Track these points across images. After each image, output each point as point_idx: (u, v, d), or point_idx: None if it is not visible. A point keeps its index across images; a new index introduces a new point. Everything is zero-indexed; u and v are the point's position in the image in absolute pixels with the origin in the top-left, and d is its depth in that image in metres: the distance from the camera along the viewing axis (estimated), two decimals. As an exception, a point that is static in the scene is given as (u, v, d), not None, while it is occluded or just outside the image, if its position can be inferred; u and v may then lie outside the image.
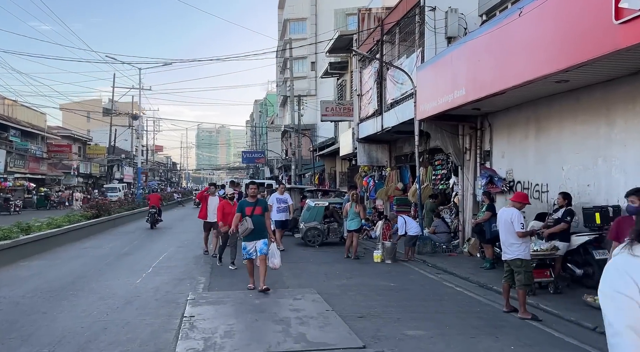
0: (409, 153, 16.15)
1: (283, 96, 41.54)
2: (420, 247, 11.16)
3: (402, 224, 10.53)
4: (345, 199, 11.69)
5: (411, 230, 10.55)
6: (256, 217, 7.51)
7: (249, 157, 55.87)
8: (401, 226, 10.52)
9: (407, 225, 10.55)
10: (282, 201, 11.98)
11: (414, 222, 10.91)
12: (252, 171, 68.67)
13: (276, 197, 12.02)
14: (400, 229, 10.53)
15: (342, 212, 14.20)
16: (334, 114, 21.62)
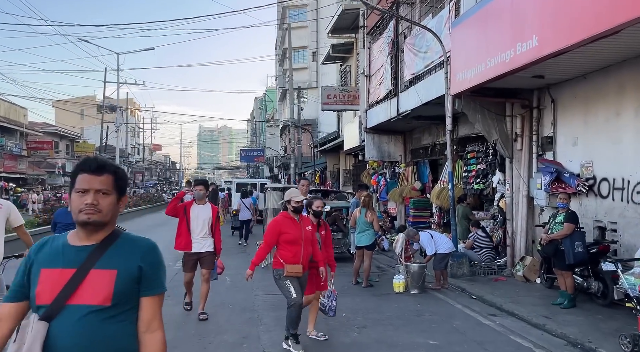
0: (429, 145, 13.19)
1: (282, 89, 38.66)
2: (454, 268, 8.21)
3: (428, 241, 7.58)
4: (353, 203, 8.75)
5: (442, 247, 7.61)
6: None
7: (247, 155, 53.17)
8: (427, 243, 7.57)
9: (435, 241, 7.60)
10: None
11: (444, 236, 7.95)
12: (253, 170, 65.93)
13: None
14: (427, 248, 7.58)
15: (347, 220, 11.28)
16: (337, 102, 18.67)
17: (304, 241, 4.63)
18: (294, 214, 4.71)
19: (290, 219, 4.71)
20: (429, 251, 7.55)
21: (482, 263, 8.51)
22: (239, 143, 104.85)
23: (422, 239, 7.60)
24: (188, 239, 5.82)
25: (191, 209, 5.86)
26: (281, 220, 4.74)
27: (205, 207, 5.92)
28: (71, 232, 1.75)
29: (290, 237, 4.61)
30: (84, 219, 1.65)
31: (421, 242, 7.63)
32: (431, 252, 7.53)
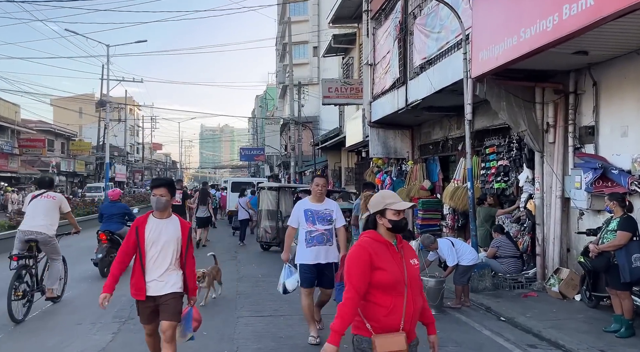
0: (439, 140, 11.96)
1: (282, 85, 37.44)
2: (475, 280, 6.98)
3: (448, 250, 6.35)
4: (357, 205, 7.52)
5: (465, 257, 6.38)
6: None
7: (247, 154, 51.99)
8: (448, 253, 6.34)
9: (457, 250, 6.37)
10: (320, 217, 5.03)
11: (467, 244, 6.72)
12: (254, 170, 64.80)
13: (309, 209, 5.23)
14: (448, 258, 6.35)
15: (350, 223, 10.06)
16: (339, 95, 17.44)
17: (408, 286, 2.49)
18: (391, 236, 2.60)
19: (384, 245, 2.55)
20: (449, 261, 6.32)
21: (506, 275, 7.28)
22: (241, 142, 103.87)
23: (441, 247, 6.37)
24: (140, 279, 3.64)
25: (146, 228, 3.68)
26: (369, 246, 2.53)
27: (169, 223, 3.72)
28: None
29: (387, 278, 2.46)
30: None
31: (440, 252, 6.40)
32: (452, 263, 6.30)
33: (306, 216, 4.96)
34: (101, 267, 8.45)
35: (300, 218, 5.02)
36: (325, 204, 5.07)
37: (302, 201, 5.32)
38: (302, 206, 5.11)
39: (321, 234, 4.94)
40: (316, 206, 5.01)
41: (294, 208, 5.29)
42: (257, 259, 10.93)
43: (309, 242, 4.95)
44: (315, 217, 4.95)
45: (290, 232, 5.26)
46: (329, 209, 5.04)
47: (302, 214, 5.00)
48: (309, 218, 4.95)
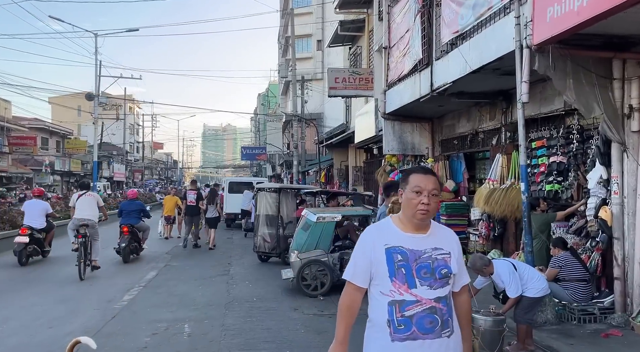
0: (466, 133, 10.26)
1: (284, 80, 35.76)
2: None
3: (508, 276, 4.66)
4: (383, 213, 5.74)
5: (531, 286, 4.71)
6: None
7: (249, 153, 50.49)
8: (509, 279, 4.65)
9: (520, 276, 4.68)
10: (425, 266, 2.18)
11: (532, 269, 5.00)
12: (256, 169, 63.29)
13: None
14: (510, 287, 4.65)
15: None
16: (347, 86, 15.76)
17: None
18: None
19: None
20: (512, 291, 4.63)
21: (573, 304, 5.59)
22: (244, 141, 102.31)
23: (498, 272, 4.68)
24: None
25: None
26: None
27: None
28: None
29: None
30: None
31: (497, 277, 4.71)
32: (515, 294, 4.61)
33: (391, 262, 2.13)
34: (123, 254, 10.07)
35: (376, 266, 2.15)
36: (435, 236, 2.23)
37: (379, 226, 2.35)
38: (379, 236, 2.21)
39: (429, 311, 2.11)
40: (413, 240, 2.18)
41: (360, 240, 2.28)
42: (253, 273, 9.26)
43: (398, 327, 2.09)
44: (414, 266, 2.12)
45: (352, 301, 2.20)
46: (441, 249, 2.20)
47: (381, 257, 2.14)
48: (399, 269, 2.11)
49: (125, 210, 10.58)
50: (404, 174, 2.30)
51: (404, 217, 2.23)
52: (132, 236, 10.22)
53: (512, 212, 7.97)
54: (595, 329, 5.29)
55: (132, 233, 10.22)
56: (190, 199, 12.36)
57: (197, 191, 12.76)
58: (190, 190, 12.80)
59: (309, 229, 7.35)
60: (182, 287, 7.88)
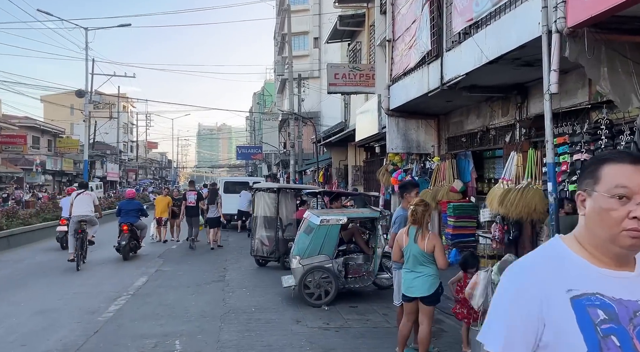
0: (476, 131, 9.70)
1: (281, 78, 35.18)
2: None
3: None
4: (400, 217, 5.04)
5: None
6: None
7: (244, 152, 49.93)
8: None
9: None
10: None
11: None
12: (251, 169, 62.70)
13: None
14: None
15: (370, 235, 7.86)
16: (347, 82, 15.21)
17: None
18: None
19: None
20: None
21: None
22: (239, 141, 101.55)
23: None
24: None
25: None
26: None
27: None
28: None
29: None
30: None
31: None
32: None
33: (589, 326, 1.14)
34: (123, 252, 10.45)
35: (555, 335, 1.15)
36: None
37: (544, 255, 1.29)
38: (553, 274, 1.20)
39: None
40: (619, 283, 1.21)
41: (508, 281, 1.25)
42: (250, 279, 8.67)
43: None
44: (631, 330, 1.14)
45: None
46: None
47: (565, 316, 1.15)
48: (606, 339, 1.13)
49: (124, 209, 10.99)
50: (591, 163, 1.29)
51: (592, 241, 1.22)
52: (131, 234, 10.65)
53: (528, 214, 7.40)
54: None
55: (131, 231, 10.65)
56: (190, 200, 12.40)
57: (196, 192, 12.84)
58: (190, 190, 12.84)
59: (312, 232, 6.77)
60: (174, 296, 7.29)
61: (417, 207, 4.31)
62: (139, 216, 11.00)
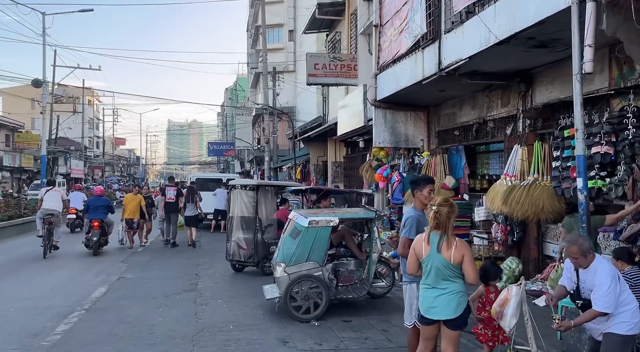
0: (471, 123, 9.02)
1: (255, 71, 34.08)
2: (569, 340, 4.03)
3: (609, 281, 3.34)
4: (409, 219, 4.20)
5: (623, 319, 3.36)
6: None
7: (216, 149, 48.40)
8: (605, 284, 3.33)
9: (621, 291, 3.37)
10: None
11: (632, 296, 3.65)
12: (223, 166, 61.14)
13: None
14: (600, 295, 3.32)
15: (362, 239, 7.05)
16: (328, 73, 14.35)
17: None
18: None
19: None
20: (602, 302, 3.28)
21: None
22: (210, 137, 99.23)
23: (600, 269, 3.37)
24: None
25: None
26: None
27: None
28: None
29: None
30: None
31: (589, 275, 3.39)
32: (604, 309, 3.29)
33: None
34: (94, 248, 10.75)
35: None
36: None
37: None
38: None
39: None
40: None
41: None
42: (226, 288, 7.71)
43: None
44: None
45: None
46: None
47: None
48: None
49: (92, 205, 11.27)
50: None
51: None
52: (101, 230, 10.91)
53: (535, 213, 6.74)
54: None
55: (101, 227, 10.91)
56: (170, 195, 12.24)
57: (176, 187, 12.73)
58: (169, 186, 12.65)
59: (299, 236, 5.88)
60: (137, 310, 6.28)
61: (441, 208, 3.48)
62: (107, 212, 11.25)
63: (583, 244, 3.35)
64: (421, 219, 4.14)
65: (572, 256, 3.37)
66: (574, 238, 3.44)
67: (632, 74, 5.45)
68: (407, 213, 4.20)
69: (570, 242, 3.41)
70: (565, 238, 3.53)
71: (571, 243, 3.39)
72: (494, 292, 4.15)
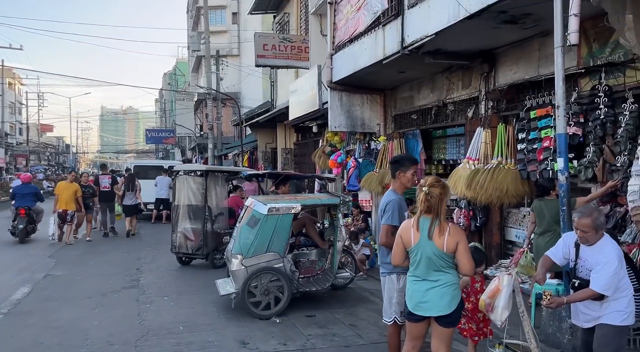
0: (430, 106, 8.74)
1: (196, 54, 32.52)
2: (547, 326, 3.84)
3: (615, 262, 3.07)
4: (390, 203, 3.69)
5: (619, 307, 3.11)
6: None
7: (154, 136, 46.19)
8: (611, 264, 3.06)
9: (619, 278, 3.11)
10: None
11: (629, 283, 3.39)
12: (162, 154, 58.61)
13: None
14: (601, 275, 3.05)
15: (324, 227, 6.62)
16: (277, 55, 13.65)
17: None
18: None
19: None
20: (600, 282, 3.01)
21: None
22: (148, 124, 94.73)
23: (607, 248, 3.10)
24: None
25: None
26: None
27: None
28: None
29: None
30: None
31: (593, 252, 3.12)
32: (603, 291, 3.03)
33: None
34: (20, 235, 10.32)
35: None
36: None
37: None
38: None
39: None
40: None
41: None
42: (173, 283, 7.00)
43: None
44: None
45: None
46: None
47: None
48: None
49: (19, 193, 10.85)
50: None
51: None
52: (28, 217, 10.51)
53: (499, 197, 6.58)
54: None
55: (28, 215, 10.50)
56: (105, 184, 11.74)
57: (110, 175, 12.37)
58: (103, 175, 12.24)
59: (258, 224, 5.31)
60: (68, 313, 5.47)
61: (432, 190, 3.06)
62: (35, 200, 10.88)
63: (598, 218, 3.06)
64: (402, 204, 3.73)
65: (583, 229, 3.06)
66: (588, 210, 3.13)
67: (602, 52, 5.30)
68: (387, 197, 3.76)
69: (583, 214, 3.09)
70: (578, 209, 3.22)
71: (584, 215, 3.07)
72: (479, 281, 3.82)
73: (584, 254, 3.17)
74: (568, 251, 3.28)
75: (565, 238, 3.36)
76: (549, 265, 3.47)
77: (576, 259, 3.22)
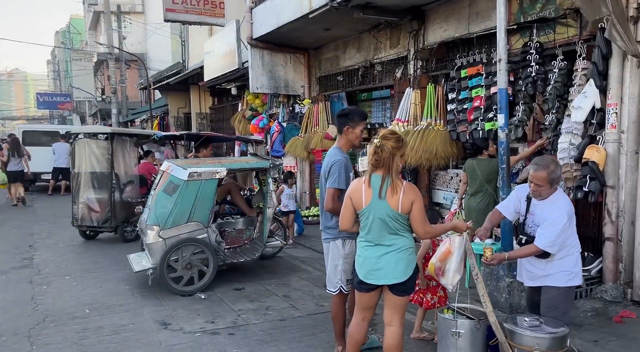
0: (356, 67, 8.44)
1: (94, 8, 29.28)
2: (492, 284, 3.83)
3: (563, 219, 2.91)
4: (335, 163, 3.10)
5: (565, 268, 3.04)
6: None
7: (48, 101, 41.74)
8: (558, 221, 2.92)
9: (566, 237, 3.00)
10: None
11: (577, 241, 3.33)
12: (58, 121, 53.29)
13: None
14: (547, 232, 2.93)
15: (252, 193, 6.17)
16: (189, 9, 12.43)
17: None
18: None
19: None
20: (545, 239, 2.89)
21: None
22: (40, 88, 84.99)
23: (557, 204, 2.97)
24: None
25: None
26: None
27: None
28: None
29: None
30: None
31: (542, 208, 3.03)
32: (548, 248, 2.92)
33: None
34: None
35: None
36: None
37: None
38: None
39: None
40: None
41: None
42: (75, 261, 6.13)
43: None
44: None
45: None
46: None
47: None
48: None
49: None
50: None
51: None
52: None
53: (428, 159, 6.50)
54: (593, 310, 4.05)
55: None
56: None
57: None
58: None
59: (177, 191, 4.67)
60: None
61: (385, 142, 2.71)
62: None
63: (554, 171, 2.87)
64: (348, 164, 3.35)
65: (538, 182, 2.87)
66: (545, 162, 2.91)
67: (533, 9, 5.24)
68: (331, 156, 3.34)
69: (539, 166, 2.89)
70: (534, 160, 3.01)
71: (540, 167, 2.87)
72: (438, 244, 3.59)
73: (534, 208, 3.02)
74: (519, 204, 3.12)
75: (517, 191, 3.20)
76: (498, 220, 3.32)
77: (526, 213, 3.08)
